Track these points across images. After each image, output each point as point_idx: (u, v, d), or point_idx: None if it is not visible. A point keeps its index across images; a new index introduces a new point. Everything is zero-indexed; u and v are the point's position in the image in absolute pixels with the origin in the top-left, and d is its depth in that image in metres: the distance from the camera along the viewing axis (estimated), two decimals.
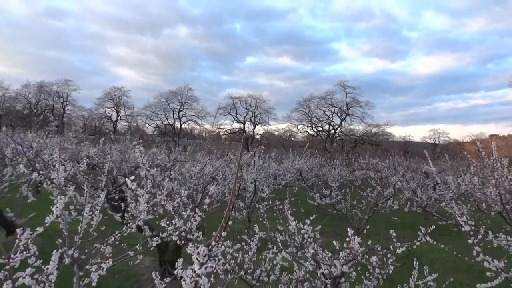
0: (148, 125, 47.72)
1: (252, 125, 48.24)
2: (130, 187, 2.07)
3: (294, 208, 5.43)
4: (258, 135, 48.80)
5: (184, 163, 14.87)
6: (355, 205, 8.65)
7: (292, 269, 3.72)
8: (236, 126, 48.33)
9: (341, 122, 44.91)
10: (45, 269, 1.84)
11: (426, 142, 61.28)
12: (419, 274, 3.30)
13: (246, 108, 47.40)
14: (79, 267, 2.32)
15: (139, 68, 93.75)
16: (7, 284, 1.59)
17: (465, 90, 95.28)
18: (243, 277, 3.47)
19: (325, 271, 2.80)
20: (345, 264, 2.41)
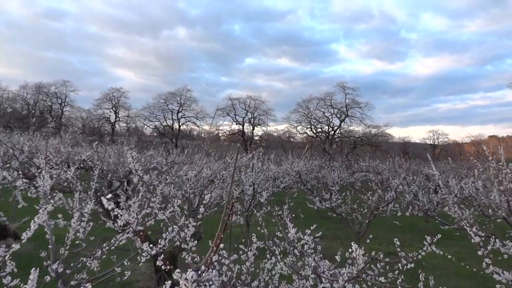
0: (147, 126, 47.56)
1: (251, 126, 48.10)
2: (106, 207, 1.91)
3: (294, 214, 5.28)
4: (257, 136, 48.66)
5: (182, 165, 14.72)
6: (355, 208, 8.49)
7: (292, 277, 3.57)
8: (235, 127, 48.21)
9: (340, 123, 44.82)
10: None
11: (425, 143, 61.26)
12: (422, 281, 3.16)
13: (245, 109, 47.26)
14: (63, 282, 2.16)
15: (138, 69, 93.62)
16: None
17: (464, 91, 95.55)
18: None
19: (327, 285, 2.64)
20: (348, 281, 2.25)
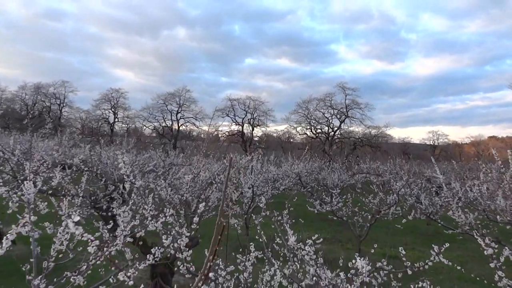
0: (146, 127, 47.37)
1: (250, 127, 47.94)
2: (73, 231, 1.75)
3: (294, 219, 5.12)
4: (256, 137, 48.51)
5: (181, 167, 14.55)
6: (356, 211, 8.34)
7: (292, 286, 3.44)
8: (235, 128, 48.04)
9: (340, 124, 44.64)
10: None
11: (425, 144, 61.13)
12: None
13: (245, 110, 47.07)
14: None
15: (138, 70, 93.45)
16: None
17: (463, 91, 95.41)
18: None
19: None
20: None
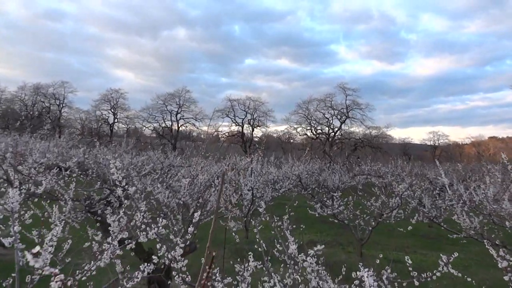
0: (145, 127, 47.22)
1: (250, 127, 47.79)
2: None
3: (294, 225, 4.96)
4: (256, 138, 48.36)
5: (180, 168, 14.39)
6: (357, 215, 8.18)
7: None
8: (235, 128, 47.89)
9: (341, 124, 44.47)
10: None
11: (425, 144, 60.96)
12: None
13: (245, 111, 46.94)
14: None
15: (138, 70, 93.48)
16: None
17: (463, 92, 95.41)
18: None
19: None
20: None
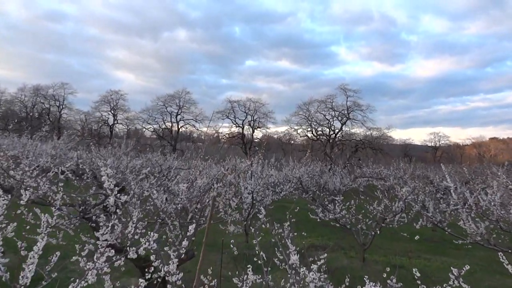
0: (145, 129, 47.09)
1: (251, 129, 47.63)
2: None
3: (296, 233, 4.80)
4: (257, 139, 48.21)
5: (179, 170, 14.24)
6: (360, 219, 8.02)
7: None
8: (235, 130, 47.74)
9: (341, 126, 44.27)
10: None
11: (426, 145, 60.77)
12: None
13: (245, 112, 46.79)
14: None
15: (139, 71, 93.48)
16: None
17: (464, 93, 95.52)
18: None
19: None
20: None
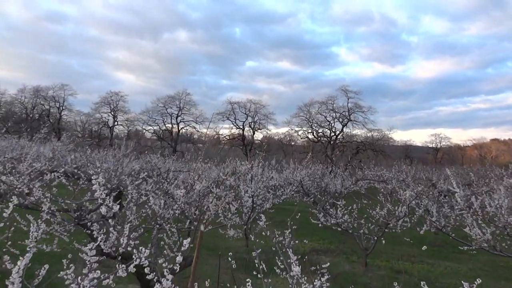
0: (145, 130, 46.99)
1: (251, 130, 47.48)
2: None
3: (297, 240, 4.66)
4: (258, 141, 48.08)
5: (179, 172, 14.10)
6: (362, 223, 7.87)
7: None
8: (235, 131, 47.60)
9: (342, 127, 44.07)
10: None
11: (427, 147, 60.55)
12: None
13: (245, 113, 46.63)
14: None
15: (139, 72, 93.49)
16: None
17: (465, 94, 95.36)
18: None
19: None
20: None
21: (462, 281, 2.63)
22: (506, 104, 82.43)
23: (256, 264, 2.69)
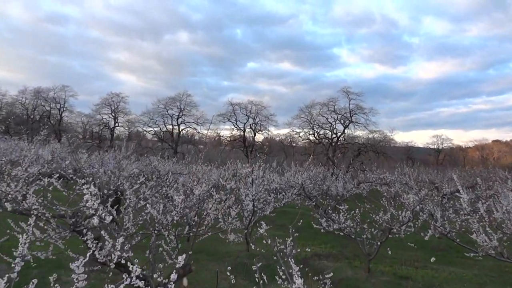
0: (146, 132, 46.91)
1: (252, 132, 47.36)
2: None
3: (299, 249, 4.51)
4: (259, 142, 47.96)
5: (180, 175, 13.96)
6: (365, 228, 7.71)
7: None
8: (236, 133, 47.47)
9: (344, 129, 43.88)
10: None
11: (429, 148, 60.33)
12: None
13: (246, 115, 46.50)
14: None
15: (140, 73, 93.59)
16: None
17: (466, 95, 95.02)
18: None
19: None
20: None
21: None
22: (508, 105, 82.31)
23: (256, 277, 2.55)
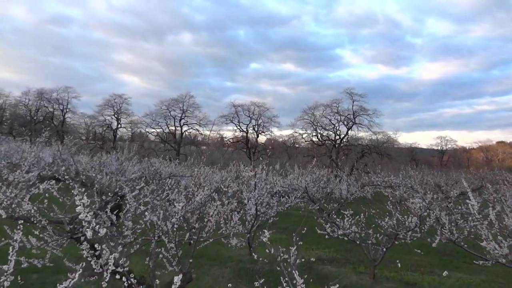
0: (149, 133, 46.89)
1: (255, 133, 47.21)
2: None
3: (303, 259, 4.36)
4: (262, 143, 47.83)
5: (182, 177, 13.84)
6: (370, 233, 7.54)
7: None
8: (239, 134, 47.36)
9: (347, 130, 43.56)
10: None
11: (432, 149, 59.86)
12: None
13: (249, 116, 46.36)
14: None
15: (143, 75, 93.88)
16: None
17: (470, 96, 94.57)
18: None
19: None
20: None
21: None
22: None
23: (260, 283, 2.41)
